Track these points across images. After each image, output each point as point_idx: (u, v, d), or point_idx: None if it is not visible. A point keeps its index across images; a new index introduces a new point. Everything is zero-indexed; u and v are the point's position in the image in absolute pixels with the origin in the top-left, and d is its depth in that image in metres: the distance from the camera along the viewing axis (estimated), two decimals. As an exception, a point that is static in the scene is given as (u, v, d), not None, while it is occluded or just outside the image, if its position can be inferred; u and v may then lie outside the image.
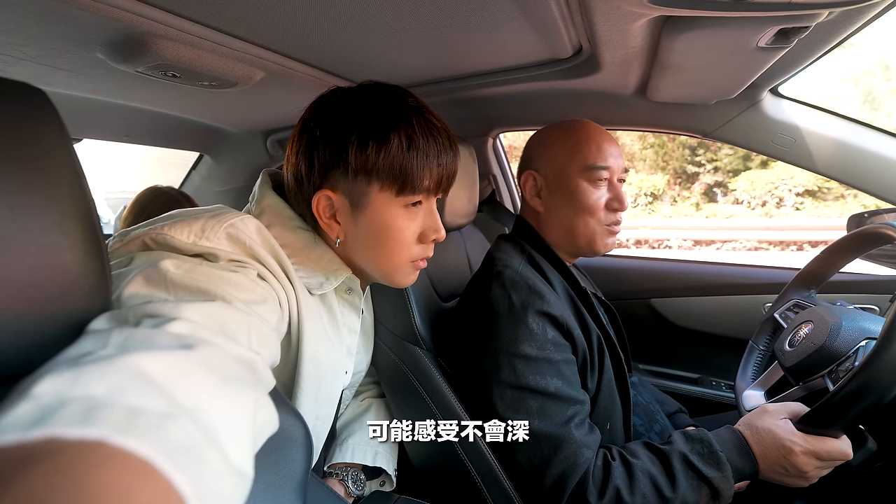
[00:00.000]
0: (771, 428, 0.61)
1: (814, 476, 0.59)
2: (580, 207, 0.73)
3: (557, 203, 0.75)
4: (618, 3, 0.59)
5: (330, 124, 0.54)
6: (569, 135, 0.75)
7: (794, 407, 0.63)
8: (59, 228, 0.30)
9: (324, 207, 0.56)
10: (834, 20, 0.62)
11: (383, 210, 0.55)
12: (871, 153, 0.93)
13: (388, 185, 0.54)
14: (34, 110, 0.30)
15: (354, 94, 0.56)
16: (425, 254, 0.61)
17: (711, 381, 1.25)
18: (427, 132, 0.54)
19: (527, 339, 0.64)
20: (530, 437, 0.61)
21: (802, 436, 0.59)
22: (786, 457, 0.58)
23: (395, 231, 0.56)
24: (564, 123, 0.78)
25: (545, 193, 0.77)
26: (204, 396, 0.27)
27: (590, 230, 0.74)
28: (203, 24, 0.65)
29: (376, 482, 0.77)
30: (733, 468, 0.59)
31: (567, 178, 0.74)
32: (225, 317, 0.38)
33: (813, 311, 0.77)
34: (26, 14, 0.57)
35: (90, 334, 0.30)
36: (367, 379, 0.86)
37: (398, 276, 0.60)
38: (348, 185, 0.55)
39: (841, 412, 0.56)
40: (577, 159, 0.73)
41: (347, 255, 0.60)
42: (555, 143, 0.76)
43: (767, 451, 0.60)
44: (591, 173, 0.72)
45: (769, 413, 0.63)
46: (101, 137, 1.36)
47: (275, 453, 0.41)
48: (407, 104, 0.55)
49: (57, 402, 0.21)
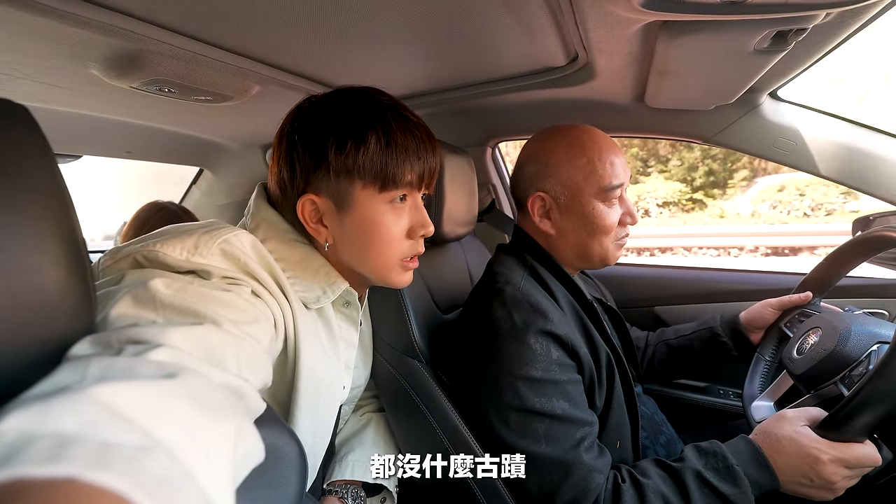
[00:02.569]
0: (792, 436, 0.57)
1: (841, 487, 0.56)
2: (597, 230, 0.70)
3: (571, 226, 0.71)
4: (611, 9, 0.59)
5: (308, 129, 0.54)
6: (579, 151, 0.70)
7: (813, 412, 0.60)
8: (39, 248, 0.29)
9: (309, 212, 0.56)
10: (831, 22, 0.61)
11: (368, 208, 0.55)
12: (873, 155, 0.92)
13: (370, 183, 0.54)
14: (15, 127, 0.29)
15: (329, 99, 0.57)
16: (416, 250, 0.60)
17: (719, 390, 1.22)
18: (404, 128, 0.55)
19: (530, 360, 0.61)
20: (539, 462, 0.59)
21: (828, 443, 0.55)
22: (812, 466, 0.55)
23: (382, 228, 0.56)
24: (568, 133, 0.72)
25: (556, 215, 0.72)
26: (181, 428, 0.26)
27: (604, 249, 0.71)
28: (197, 39, 0.65)
29: (377, 499, 0.76)
30: (752, 482, 0.56)
31: (582, 201, 0.69)
32: (213, 341, 0.37)
33: (820, 317, 0.75)
34: (20, 31, 0.57)
35: (69, 361, 0.29)
36: (366, 393, 0.84)
37: (392, 275, 0.60)
38: (331, 187, 0.55)
39: (864, 414, 0.53)
40: (591, 180, 0.68)
41: (339, 258, 0.59)
42: (565, 162, 0.70)
43: (790, 461, 0.56)
44: (607, 194, 0.69)
45: (788, 420, 0.60)
46: (102, 154, 1.37)
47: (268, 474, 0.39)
48: (382, 103, 0.56)
49: (24, 439, 0.20)
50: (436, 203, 0.79)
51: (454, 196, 0.82)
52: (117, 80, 0.71)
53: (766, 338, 0.88)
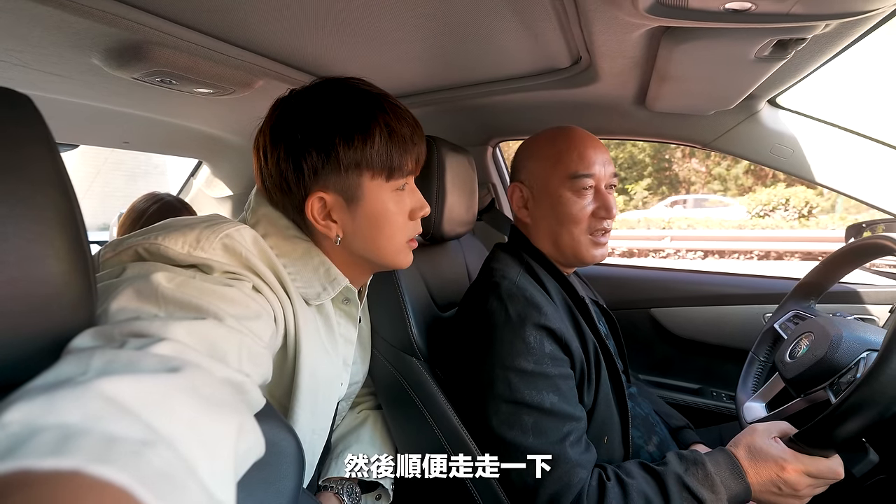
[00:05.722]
0: (762, 446, 0.61)
1: (807, 495, 0.59)
2: (564, 218, 0.72)
3: (543, 214, 0.74)
4: (615, 13, 0.59)
5: (310, 126, 0.54)
6: (551, 144, 0.74)
7: (783, 426, 0.64)
8: (41, 239, 0.29)
9: (318, 209, 0.56)
10: (831, 32, 0.62)
11: (378, 197, 0.57)
12: (868, 164, 0.93)
13: (378, 174, 0.56)
14: (18, 116, 0.29)
15: (319, 94, 0.56)
16: (417, 230, 0.64)
17: (712, 392, 1.24)
18: (399, 117, 0.56)
19: (523, 352, 0.63)
20: (524, 454, 0.60)
21: (793, 453, 0.59)
22: (778, 474, 0.58)
23: (391, 215, 0.58)
24: (549, 131, 0.76)
25: (531, 205, 0.76)
26: (184, 423, 0.26)
27: (574, 240, 0.72)
28: (200, 31, 0.65)
29: (372, 496, 0.76)
30: (727, 490, 0.59)
31: (550, 188, 0.73)
32: (215, 336, 0.37)
33: (813, 322, 0.76)
34: (20, 19, 0.56)
35: (72, 353, 0.29)
36: (363, 390, 0.84)
37: (400, 257, 0.62)
38: (340, 182, 0.55)
39: (834, 428, 0.56)
40: (559, 169, 0.72)
41: (349, 250, 0.60)
42: (538, 154, 0.75)
43: (759, 470, 0.60)
44: (574, 182, 0.71)
45: (758, 432, 0.63)
46: (100, 144, 1.36)
47: (265, 469, 0.39)
48: (374, 94, 0.56)
49: (28, 431, 0.20)
50: (437, 201, 0.79)
51: (455, 195, 0.82)
52: (118, 71, 0.70)
53: (761, 338, 0.89)
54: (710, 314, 1.23)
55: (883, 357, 0.53)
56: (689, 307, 1.26)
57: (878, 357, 0.53)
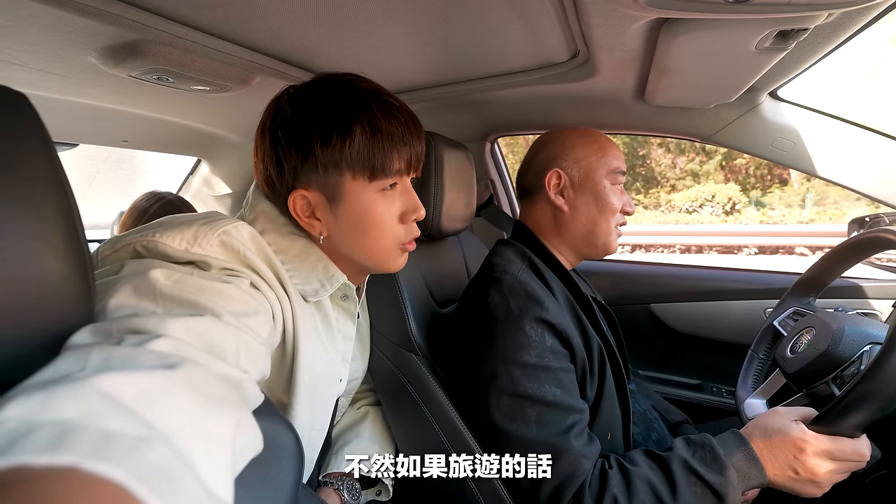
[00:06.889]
0: (781, 427, 0.58)
1: (826, 481, 0.56)
2: (605, 207, 0.75)
3: (584, 202, 0.76)
4: (614, 5, 0.58)
5: (291, 123, 0.53)
6: (592, 138, 0.78)
7: (805, 410, 0.61)
8: (39, 236, 0.29)
9: (301, 207, 0.55)
10: (833, 22, 0.61)
11: (360, 198, 0.55)
12: (870, 156, 0.92)
13: (359, 173, 0.54)
14: (13, 114, 0.29)
15: (309, 90, 0.55)
16: (411, 235, 0.60)
17: (712, 387, 1.23)
18: (388, 115, 0.54)
19: (524, 346, 0.62)
20: (528, 446, 0.60)
21: (814, 434, 0.56)
22: (796, 456, 0.56)
23: (375, 216, 0.56)
24: (578, 129, 0.80)
25: (569, 192, 0.77)
26: (181, 419, 0.26)
27: (609, 229, 0.76)
28: (196, 28, 0.64)
29: (372, 492, 0.76)
30: (738, 473, 0.56)
31: (595, 178, 0.75)
32: (213, 332, 0.37)
33: (814, 317, 0.76)
34: (16, 17, 0.56)
35: (70, 350, 0.29)
36: (363, 386, 0.85)
37: (389, 261, 0.60)
38: (321, 181, 0.54)
39: (855, 413, 0.53)
40: (604, 161, 0.75)
41: (335, 250, 0.59)
42: (581, 145, 0.77)
43: (776, 452, 0.57)
44: (615, 177, 0.76)
45: (780, 414, 0.61)
46: (99, 142, 1.36)
47: (264, 465, 0.40)
48: (363, 90, 0.54)
49: (25, 427, 0.20)
50: (434, 197, 0.79)
51: (453, 191, 0.82)
52: (115, 69, 0.70)
53: (760, 336, 0.89)
54: (710, 309, 1.22)
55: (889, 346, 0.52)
56: (689, 302, 1.25)
57: (884, 347, 0.53)
